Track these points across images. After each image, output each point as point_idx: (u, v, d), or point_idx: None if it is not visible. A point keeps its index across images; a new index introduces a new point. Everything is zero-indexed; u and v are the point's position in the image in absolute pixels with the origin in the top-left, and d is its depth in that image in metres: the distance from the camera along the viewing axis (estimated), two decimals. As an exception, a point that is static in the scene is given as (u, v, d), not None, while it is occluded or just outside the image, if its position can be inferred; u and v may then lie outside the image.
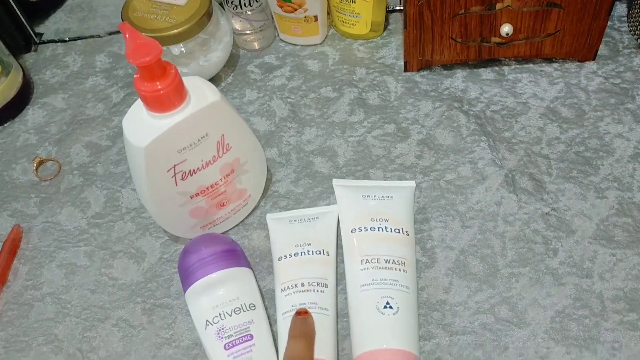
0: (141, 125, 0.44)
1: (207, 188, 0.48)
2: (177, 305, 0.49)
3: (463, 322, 0.45)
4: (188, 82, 0.44)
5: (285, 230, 0.50)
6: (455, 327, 0.45)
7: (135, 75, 0.42)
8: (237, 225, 0.53)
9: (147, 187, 0.46)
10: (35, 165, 0.60)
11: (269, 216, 0.51)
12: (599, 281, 0.46)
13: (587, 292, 0.46)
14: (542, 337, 0.44)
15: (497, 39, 0.57)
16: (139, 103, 0.44)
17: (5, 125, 0.64)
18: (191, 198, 0.48)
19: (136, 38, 0.41)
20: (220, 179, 0.48)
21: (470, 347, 0.44)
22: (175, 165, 0.45)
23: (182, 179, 0.46)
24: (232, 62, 0.65)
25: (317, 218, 0.50)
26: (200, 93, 0.44)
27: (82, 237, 0.54)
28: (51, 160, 0.60)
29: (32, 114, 0.64)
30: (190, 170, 0.46)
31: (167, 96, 0.42)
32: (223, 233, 0.53)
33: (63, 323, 0.49)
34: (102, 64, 0.68)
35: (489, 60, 0.60)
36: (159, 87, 0.41)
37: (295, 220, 0.50)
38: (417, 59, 0.60)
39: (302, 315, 0.43)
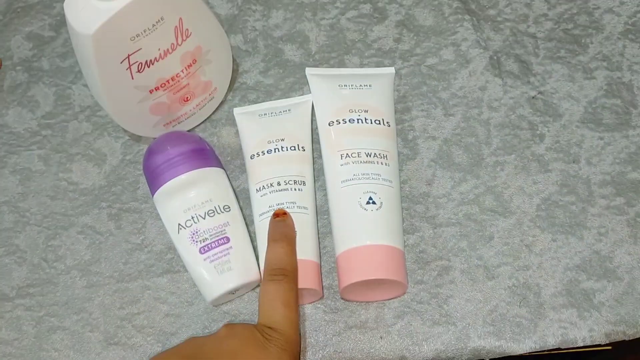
0: (86, 9, 0.38)
1: (168, 81, 0.44)
2: (145, 209, 0.46)
3: (447, 213, 0.44)
4: (137, -43, 0.38)
5: (255, 125, 0.46)
6: (439, 219, 0.44)
7: (74, -49, 0.36)
8: (203, 122, 0.49)
9: (100, 82, 0.41)
10: (-29, 61, 0.53)
11: (236, 110, 0.47)
12: (586, 166, 0.45)
13: (574, 177, 0.45)
14: (527, 225, 0.43)
15: None
16: (81, -16, 0.38)
17: None
18: (150, 93, 0.43)
19: None
20: (182, 71, 0.44)
21: (454, 238, 0.43)
22: (129, 55, 0.40)
23: (139, 71, 0.41)
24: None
25: (289, 110, 0.46)
26: (153, -29, 0.39)
27: (34, 139, 0.50)
28: (-11, 54, 0.54)
29: (-39, 3, 0.57)
30: (147, 61, 0.41)
31: (115, -25, 0.36)
32: (189, 131, 0.49)
33: (24, 232, 0.46)
34: (35, -59, 0.59)
35: None
36: (103, -37, 0.36)
37: (265, 114, 0.46)
38: None
39: (280, 216, 0.41)
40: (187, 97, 0.46)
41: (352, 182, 0.42)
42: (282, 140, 0.45)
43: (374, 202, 0.41)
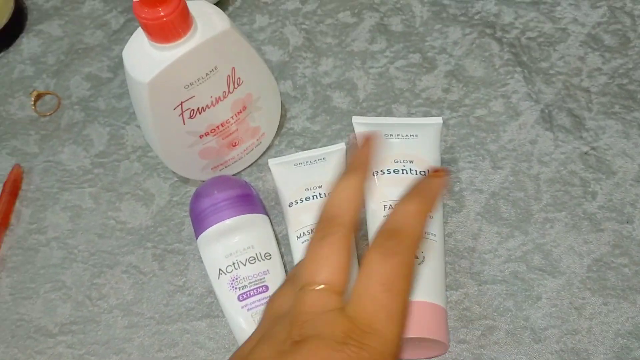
0: (143, 57, 0.39)
1: (218, 127, 0.44)
2: (189, 251, 0.47)
3: (493, 270, 0.43)
4: (193, 7, 0.39)
5: (291, 174, 0.46)
6: (485, 276, 0.43)
7: (134, 1, 0.37)
8: (250, 165, 0.50)
9: (153, 126, 0.42)
10: (33, 99, 0.56)
11: (271, 161, 0.47)
12: (641, 227, 0.43)
13: (628, 238, 0.43)
14: (577, 287, 0.42)
15: (536, -44, 0.51)
16: (139, 32, 0.40)
17: (-1, 55, 0.59)
18: (200, 138, 0.44)
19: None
20: (232, 117, 0.45)
21: (500, 297, 0.42)
22: (182, 102, 0.41)
23: (191, 117, 0.42)
24: (240, -17, 0.59)
25: (324, 159, 0.47)
26: (208, 20, 0.40)
27: (86, 177, 0.51)
28: (50, 93, 0.56)
29: (27, 43, 0.60)
30: (199, 108, 0.42)
31: (171, 24, 0.37)
32: (235, 174, 0.49)
33: (70, 269, 0.47)
34: (99, -14, 0.62)
35: (525, -19, 0.54)
36: (162, 13, 0.37)
37: (300, 164, 0.46)
38: (445, -20, 0.54)
39: (438, 173, 0.31)
40: (236, 142, 0.47)
41: (395, 235, 0.41)
42: (320, 187, 0.45)
43: (416, 257, 0.40)
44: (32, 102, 0.56)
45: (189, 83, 0.40)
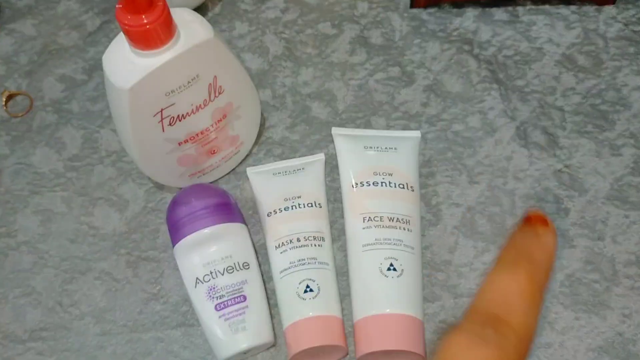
0: (124, 64, 0.39)
1: (197, 134, 0.44)
2: (164, 258, 0.46)
3: (469, 283, 0.43)
4: (176, 15, 0.39)
5: (270, 183, 0.46)
6: (461, 289, 0.43)
7: (117, 6, 0.37)
8: (227, 174, 0.49)
9: (132, 133, 0.41)
10: (4, 99, 0.54)
11: (249, 170, 0.47)
12: (611, 244, 0.44)
13: (599, 255, 0.44)
14: (550, 301, 0.42)
15: (514, -23, 0.52)
16: (121, 38, 0.39)
17: (-31, 52, 0.58)
18: (179, 145, 0.44)
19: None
20: (211, 125, 0.44)
21: (475, 311, 0.42)
22: (162, 110, 0.41)
23: (170, 125, 0.42)
24: (220, -11, 0.59)
25: (303, 169, 0.47)
26: (191, 28, 0.40)
27: (58, 181, 0.50)
28: (22, 94, 0.55)
29: (-1, 42, 0.58)
30: (179, 115, 0.42)
31: (155, 31, 0.37)
32: (213, 182, 0.49)
33: (41, 274, 0.46)
34: (75, -14, 0.61)
35: (503, 0, 0.56)
36: (145, 20, 0.36)
37: (279, 173, 0.46)
38: (426, -5, 0.55)
39: (536, 224, 0.26)
40: (214, 150, 0.46)
41: (373, 247, 0.41)
42: (299, 197, 0.45)
43: (394, 269, 0.40)
44: (3, 103, 0.54)
45: (170, 90, 0.40)
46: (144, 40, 0.37)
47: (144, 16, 0.36)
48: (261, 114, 0.50)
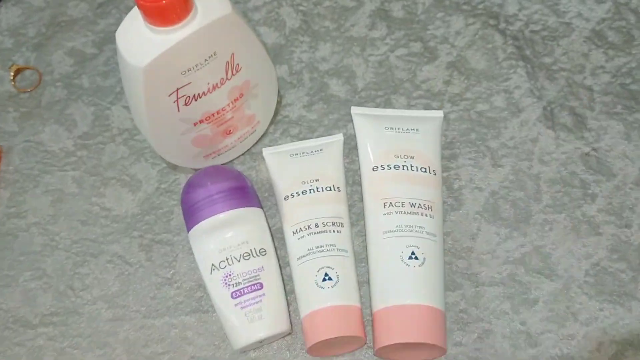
0: (139, 40, 0.37)
1: (213, 114, 0.42)
2: (178, 241, 0.45)
3: (491, 272, 0.42)
4: (193, -11, 0.37)
5: (287, 165, 0.45)
6: (482, 278, 0.42)
7: (131, -19, 0.35)
8: (243, 154, 0.48)
9: (146, 113, 0.40)
10: (12, 74, 0.53)
11: (265, 150, 0.46)
12: (639, 231, 0.43)
13: (625, 243, 0.43)
14: (575, 291, 0.41)
15: (544, -53, 0.49)
16: (135, 12, 0.37)
17: (-25, 24, 0.56)
18: (195, 125, 0.42)
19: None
20: (228, 104, 0.43)
21: (497, 299, 0.41)
22: (178, 89, 0.39)
23: (186, 104, 0.40)
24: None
25: (321, 150, 0.45)
26: (208, 3, 0.38)
27: (69, 160, 0.49)
28: (30, 68, 0.53)
29: (6, 13, 0.56)
30: (195, 95, 0.40)
31: (172, 7, 0.35)
32: (227, 163, 0.47)
33: (52, 257, 0.45)
34: (83, -46, 0.59)
35: (530, -29, 0.53)
36: (160, -4, 0.34)
37: (296, 154, 0.45)
38: (449, -34, 0.52)
39: None
40: (230, 130, 0.45)
41: (394, 234, 0.40)
42: (317, 180, 0.43)
43: (416, 258, 0.39)
44: (11, 77, 0.53)
45: (186, 69, 0.38)
46: (161, 16, 0.35)
47: (158, -9, 0.34)
48: (277, 92, 0.48)
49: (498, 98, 0.48)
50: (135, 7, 0.38)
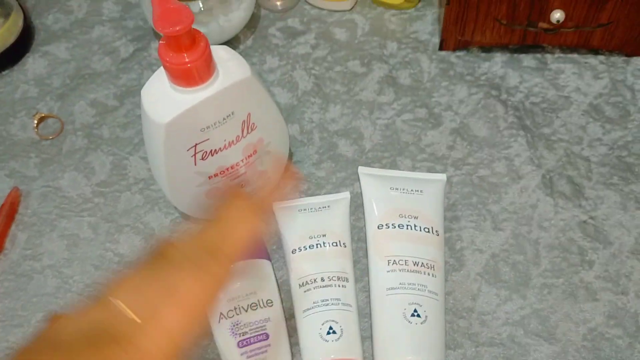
0: (163, 98, 0.40)
1: (227, 169, 0.45)
2: (186, 290, 0.46)
3: (491, 332, 0.43)
4: (216, 52, 0.40)
5: (295, 220, 0.46)
6: (482, 338, 0.43)
7: (160, 42, 0.38)
8: (253, 207, 0.50)
9: (164, 165, 0.42)
10: (35, 121, 0.55)
11: (275, 205, 0.48)
12: (635, 299, 0.44)
13: (622, 310, 0.44)
14: (572, 355, 0.42)
15: (545, 25, 0.53)
16: (160, 73, 0.40)
17: (3, 73, 0.59)
18: (209, 178, 0.44)
19: (165, 2, 0.36)
20: (242, 160, 0.45)
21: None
22: (196, 144, 0.41)
23: (202, 159, 0.42)
24: (252, 22, 0.60)
25: (328, 207, 0.47)
26: (229, 67, 0.40)
27: (85, 206, 0.51)
28: (53, 117, 0.56)
29: (33, 63, 0.59)
30: (211, 150, 0.42)
31: (196, 70, 0.38)
32: (238, 215, 0.49)
33: (64, 299, 0.46)
34: (110, 12, 0.62)
35: (531, 46, 0.56)
36: (187, 59, 0.37)
37: (305, 210, 0.47)
38: (456, 38, 0.56)
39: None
40: (242, 185, 0.47)
41: (398, 291, 0.41)
42: (324, 236, 0.45)
43: (418, 315, 0.40)
44: (35, 125, 0.55)
45: (205, 126, 0.40)
46: (185, 77, 0.38)
47: (185, 54, 0.37)
48: (289, 149, 0.50)
49: (499, 164, 0.50)
50: (161, 67, 0.41)
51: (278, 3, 0.61)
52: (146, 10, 0.56)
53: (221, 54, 0.41)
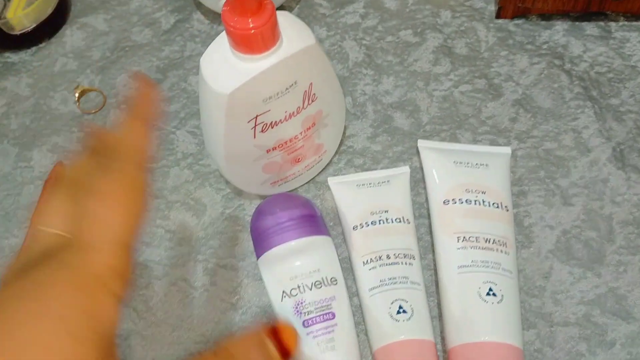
0: (224, 67, 0.37)
1: (286, 142, 0.42)
2: (242, 267, 0.44)
3: (565, 312, 0.41)
4: (279, 19, 0.38)
5: (355, 195, 0.44)
6: (557, 317, 0.41)
7: (224, 8, 0.35)
8: (307, 182, 0.48)
9: (223, 138, 0.40)
10: (77, 95, 0.53)
11: (331, 180, 0.46)
12: None
13: (703, 288, 0.42)
14: None
15: (612, -10, 0.50)
16: (221, 39, 0.38)
17: (41, 45, 0.57)
18: (267, 152, 0.42)
19: (230, -38, 0.34)
20: (300, 133, 0.43)
21: (573, 340, 0.40)
22: (257, 116, 0.39)
23: (262, 131, 0.40)
24: (296, -9, 0.57)
25: (388, 182, 0.45)
26: (293, 33, 0.38)
27: (133, 181, 0.49)
28: (95, 90, 0.54)
29: (71, 36, 0.57)
30: (272, 122, 0.40)
31: (261, 36, 0.35)
32: (293, 190, 0.47)
33: (115, 278, 0.45)
34: (147, -18, 0.60)
35: (593, 14, 0.53)
36: (252, 25, 0.35)
37: (363, 185, 0.45)
38: (515, 5, 0.53)
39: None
40: (299, 159, 0.45)
41: (470, 269, 0.39)
42: (386, 212, 0.43)
43: (494, 294, 0.38)
44: (76, 99, 0.53)
45: (268, 97, 0.38)
46: (249, 44, 0.36)
47: (250, 19, 0.35)
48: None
49: (566, 137, 0.48)
50: (221, 34, 0.38)
51: (323, -29, 0.58)
52: (190, -22, 0.54)
53: (285, 20, 0.38)
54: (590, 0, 0.51)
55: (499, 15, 0.54)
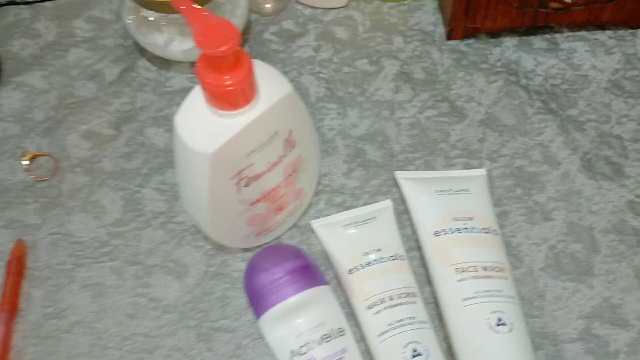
0: (203, 125, 0.36)
1: (269, 192, 0.41)
2: (238, 327, 0.42)
3: (566, 328, 0.42)
4: (255, 70, 0.36)
5: (343, 237, 0.43)
6: (560, 335, 0.42)
7: (198, 63, 0.34)
8: (290, 228, 0.46)
9: (207, 197, 0.38)
10: (26, 162, 0.49)
11: (314, 223, 0.45)
12: (695, 273, 0.44)
13: (685, 286, 0.43)
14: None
15: (557, 5, 0.52)
16: (195, 95, 0.36)
17: (-26, 112, 0.52)
18: (251, 205, 0.41)
19: (204, 17, 0.32)
20: (282, 181, 0.41)
21: (579, 356, 0.41)
22: (241, 171, 0.38)
23: (246, 185, 0.39)
24: (244, 29, 0.55)
25: (374, 218, 0.44)
26: (269, 83, 0.37)
27: (103, 250, 0.46)
28: (44, 155, 0.50)
29: (7, 97, 0.53)
30: (255, 175, 0.39)
31: (241, 92, 0.34)
32: (277, 238, 0.46)
33: (103, 357, 0.41)
34: (82, 31, 0.57)
35: (538, 27, 0.55)
36: (230, 81, 0.33)
37: (349, 224, 0.44)
38: (464, 26, 0.54)
39: None
40: (282, 206, 0.43)
41: (475, 301, 0.39)
42: (379, 250, 0.42)
43: (504, 324, 0.38)
44: (26, 166, 0.49)
45: (250, 150, 0.37)
46: (228, 100, 0.34)
47: (228, 75, 0.33)
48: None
49: (535, 152, 0.49)
50: (193, 90, 0.37)
51: (268, 5, 0.57)
52: (127, 24, 0.51)
53: (260, 70, 0.37)
54: (537, 15, 0.53)
55: (449, 36, 0.55)
